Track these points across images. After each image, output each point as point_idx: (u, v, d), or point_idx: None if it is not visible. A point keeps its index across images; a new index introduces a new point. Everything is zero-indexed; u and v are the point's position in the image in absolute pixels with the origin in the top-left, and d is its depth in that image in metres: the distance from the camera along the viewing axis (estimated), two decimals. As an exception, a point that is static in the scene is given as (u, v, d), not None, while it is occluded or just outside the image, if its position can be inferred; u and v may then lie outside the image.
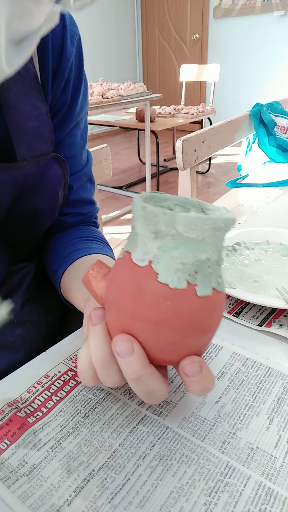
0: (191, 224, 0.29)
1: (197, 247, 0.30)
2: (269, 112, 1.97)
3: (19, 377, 0.46)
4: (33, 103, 0.48)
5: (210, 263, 0.31)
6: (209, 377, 0.33)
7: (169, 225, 0.29)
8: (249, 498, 0.33)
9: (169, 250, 0.30)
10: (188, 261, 0.30)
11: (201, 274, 0.30)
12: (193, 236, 0.29)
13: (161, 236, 0.30)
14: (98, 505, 0.33)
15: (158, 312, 0.31)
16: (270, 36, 4.87)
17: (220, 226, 0.29)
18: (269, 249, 0.70)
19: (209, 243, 0.30)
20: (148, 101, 3.14)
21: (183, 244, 0.30)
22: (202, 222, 0.29)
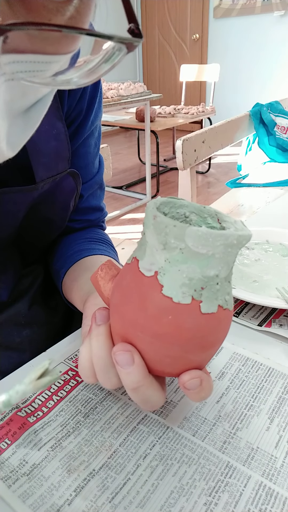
0: (201, 239, 0.27)
1: (206, 263, 0.29)
2: (269, 112, 1.97)
3: (20, 377, 0.46)
4: (52, 123, 0.47)
5: (219, 279, 0.30)
6: (208, 387, 0.33)
7: (178, 238, 0.28)
8: (250, 498, 0.33)
9: (177, 263, 0.29)
10: (195, 277, 0.29)
11: (208, 291, 0.29)
12: (202, 251, 0.28)
13: (170, 248, 0.29)
14: (99, 505, 0.33)
15: (159, 325, 0.30)
16: (270, 36, 4.87)
17: (233, 243, 0.28)
18: (269, 249, 0.70)
19: (219, 259, 0.29)
20: (148, 101, 3.14)
21: (191, 258, 0.28)
22: (214, 238, 0.27)
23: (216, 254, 0.28)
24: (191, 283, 0.29)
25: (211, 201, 1.82)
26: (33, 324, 0.60)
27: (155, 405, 0.34)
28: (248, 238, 0.29)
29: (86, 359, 0.35)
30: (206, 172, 4.12)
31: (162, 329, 0.30)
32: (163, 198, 0.32)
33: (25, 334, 0.59)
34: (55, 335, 0.64)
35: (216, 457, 0.36)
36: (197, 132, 1.53)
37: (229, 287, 0.31)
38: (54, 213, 0.56)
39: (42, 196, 0.51)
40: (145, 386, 0.32)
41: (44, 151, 0.47)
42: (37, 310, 0.61)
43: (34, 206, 0.51)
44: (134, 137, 5.17)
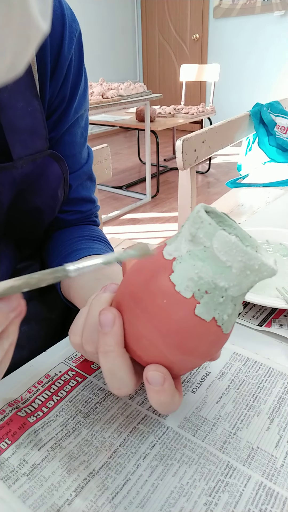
0: (226, 246, 0.28)
1: (221, 271, 0.29)
2: (269, 112, 1.97)
3: (20, 377, 0.46)
4: (27, 100, 0.47)
5: (226, 294, 0.30)
6: (170, 394, 0.32)
7: (207, 235, 0.29)
8: (250, 498, 0.33)
9: (195, 258, 0.29)
10: (204, 277, 0.29)
11: (210, 297, 0.29)
12: (223, 258, 0.28)
13: (196, 242, 0.29)
14: (99, 505, 0.33)
15: (152, 303, 0.31)
16: (270, 36, 4.87)
17: (253, 267, 0.28)
18: (269, 249, 0.70)
19: (234, 275, 0.29)
20: (148, 101, 3.14)
21: (210, 260, 0.29)
22: (238, 250, 0.28)
23: (233, 268, 0.28)
24: (198, 282, 0.29)
25: (211, 201, 1.82)
26: (31, 320, 0.60)
27: (122, 385, 0.33)
28: (270, 271, 0.29)
29: (81, 315, 0.36)
30: (206, 172, 4.12)
31: (153, 308, 0.31)
32: (217, 211, 0.33)
33: (23, 330, 0.59)
34: (53, 333, 0.64)
35: (216, 457, 0.36)
36: (197, 132, 1.53)
37: (233, 310, 0.31)
38: (42, 201, 0.55)
39: (26, 182, 0.51)
40: (115, 353, 0.32)
41: (19, 128, 0.47)
42: (35, 306, 0.61)
43: (20, 193, 0.51)
44: (134, 137, 5.17)
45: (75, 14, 0.53)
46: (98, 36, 5.40)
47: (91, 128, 5.57)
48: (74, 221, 0.65)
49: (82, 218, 0.66)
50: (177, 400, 0.33)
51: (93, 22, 5.27)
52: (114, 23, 5.62)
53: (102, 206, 2.84)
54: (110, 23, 5.55)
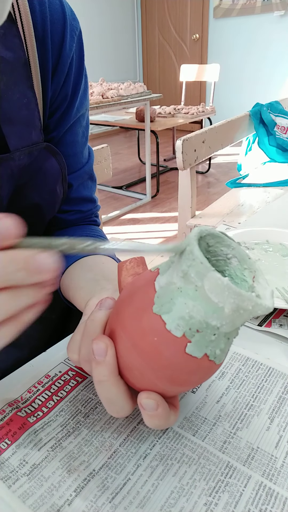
0: (218, 288, 0.27)
1: (213, 311, 0.28)
2: (269, 112, 1.97)
3: (20, 377, 0.46)
4: (22, 91, 0.47)
5: (218, 332, 0.29)
6: (164, 417, 0.32)
7: (199, 275, 0.27)
8: (250, 498, 0.33)
9: (186, 296, 0.28)
10: (196, 317, 0.28)
11: (201, 336, 0.29)
12: (214, 299, 0.27)
13: (187, 280, 0.28)
14: (99, 505, 0.33)
15: (143, 340, 0.30)
16: (270, 36, 4.87)
17: (247, 308, 0.27)
18: (269, 249, 0.70)
19: (227, 314, 0.28)
20: (148, 101, 3.14)
21: (201, 299, 0.28)
22: (230, 293, 0.27)
23: (226, 309, 0.28)
24: (189, 321, 0.29)
25: (211, 201, 1.82)
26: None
27: (120, 410, 0.34)
28: (264, 310, 0.28)
29: (77, 332, 0.37)
30: (206, 172, 4.12)
31: (143, 344, 0.30)
32: (215, 231, 0.32)
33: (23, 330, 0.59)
34: (53, 332, 0.64)
35: (216, 457, 0.36)
36: (197, 132, 1.53)
37: (226, 344, 0.31)
38: (41, 198, 0.55)
39: (25, 177, 0.51)
40: (110, 383, 0.32)
41: (15, 120, 0.47)
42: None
43: (19, 190, 0.51)
44: (134, 137, 5.17)
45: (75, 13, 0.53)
46: (98, 36, 5.40)
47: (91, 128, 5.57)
48: (74, 221, 0.65)
49: (83, 218, 0.66)
50: (172, 420, 0.34)
51: (93, 22, 5.27)
52: (114, 23, 5.62)
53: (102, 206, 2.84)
54: (110, 23, 5.55)
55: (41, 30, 0.49)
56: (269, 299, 0.29)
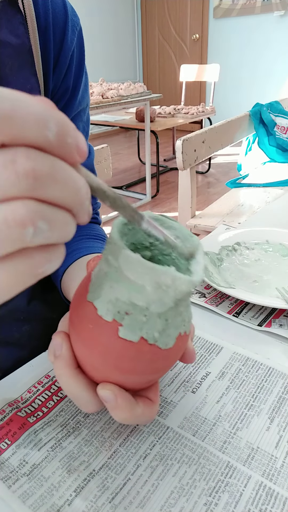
0: (131, 265, 0.26)
1: (135, 291, 0.27)
2: (269, 112, 1.97)
3: (20, 377, 0.46)
4: (26, 77, 0.48)
5: (148, 312, 0.28)
6: (127, 409, 0.32)
7: (115, 256, 0.27)
8: (250, 498, 0.33)
9: (111, 279, 0.28)
10: (121, 299, 0.28)
11: (131, 319, 0.28)
12: (132, 278, 0.27)
13: (108, 264, 0.28)
14: (99, 505, 0.33)
15: (82, 329, 0.30)
16: (270, 36, 4.87)
17: (167, 283, 0.26)
18: (269, 249, 0.70)
19: (150, 292, 0.27)
20: (148, 101, 3.13)
21: (123, 280, 0.27)
22: (143, 269, 0.26)
23: (147, 286, 0.27)
24: (116, 304, 0.28)
25: (211, 201, 1.82)
26: (32, 320, 0.61)
27: (86, 404, 0.33)
28: (188, 284, 0.27)
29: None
30: (206, 172, 4.12)
31: (84, 333, 0.30)
32: (156, 215, 0.31)
33: (24, 330, 0.60)
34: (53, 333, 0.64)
35: (216, 457, 0.36)
36: (197, 132, 1.53)
37: (165, 325, 0.29)
38: None
39: None
40: (67, 376, 0.32)
41: None
42: (36, 306, 0.61)
43: None
44: (134, 137, 5.17)
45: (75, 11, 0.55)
46: (98, 36, 5.40)
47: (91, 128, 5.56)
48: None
49: None
50: (141, 412, 0.32)
51: (93, 22, 5.27)
52: (114, 23, 5.62)
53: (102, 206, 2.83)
54: (110, 23, 5.54)
55: (44, 22, 0.50)
56: (197, 274, 0.28)
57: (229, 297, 0.59)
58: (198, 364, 0.47)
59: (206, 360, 0.47)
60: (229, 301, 0.58)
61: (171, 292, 0.27)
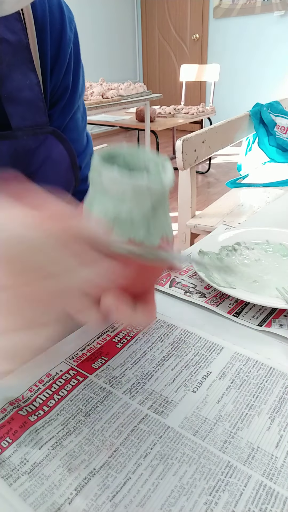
0: (111, 180, 0.30)
1: (118, 203, 0.31)
2: (269, 112, 1.97)
3: (20, 376, 0.46)
4: (24, 73, 0.49)
5: (131, 219, 0.32)
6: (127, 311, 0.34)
7: (97, 174, 0.31)
8: (250, 498, 0.33)
9: (100, 196, 0.32)
10: (109, 211, 0.32)
11: (119, 225, 0.32)
12: (113, 191, 0.31)
13: (95, 183, 0.32)
14: (99, 504, 0.33)
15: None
16: (270, 36, 4.87)
17: (142, 191, 0.30)
18: (269, 249, 0.70)
19: (130, 201, 0.31)
20: (148, 101, 3.14)
21: (107, 195, 0.31)
22: (121, 182, 0.30)
23: (126, 197, 0.31)
24: (106, 216, 0.32)
25: (211, 201, 1.82)
26: None
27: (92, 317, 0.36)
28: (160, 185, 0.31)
29: None
30: (206, 172, 4.12)
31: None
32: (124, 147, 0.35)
33: None
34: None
35: (216, 456, 0.36)
36: (197, 132, 1.53)
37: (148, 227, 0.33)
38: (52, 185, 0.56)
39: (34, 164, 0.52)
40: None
41: (18, 100, 0.49)
42: None
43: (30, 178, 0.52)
44: (134, 137, 5.17)
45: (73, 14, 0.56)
46: (98, 36, 5.40)
47: (91, 128, 5.57)
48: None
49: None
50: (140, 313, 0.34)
51: (93, 22, 5.26)
52: (114, 23, 5.62)
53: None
54: (110, 23, 5.54)
55: (40, 20, 0.50)
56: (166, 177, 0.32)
57: (229, 297, 0.59)
58: (198, 364, 0.47)
59: (207, 360, 0.47)
60: (229, 301, 0.59)
61: (147, 198, 0.31)
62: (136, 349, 0.49)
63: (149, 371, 0.46)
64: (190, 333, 0.52)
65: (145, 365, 0.47)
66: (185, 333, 0.52)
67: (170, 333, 0.52)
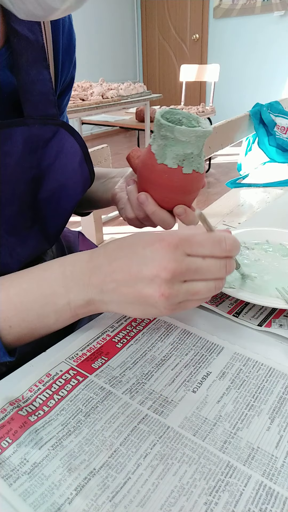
0: (182, 133, 0.48)
1: (185, 146, 0.49)
2: (269, 112, 1.97)
3: (21, 376, 0.46)
4: (39, 69, 0.53)
5: (193, 155, 0.50)
6: (192, 215, 0.55)
7: (170, 132, 0.48)
8: (250, 498, 0.33)
9: (170, 146, 0.50)
10: (179, 153, 0.50)
11: (186, 162, 0.51)
12: (183, 139, 0.48)
13: (166, 138, 0.49)
14: (99, 504, 0.33)
15: (161, 180, 0.52)
16: (270, 36, 4.87)
17: (200, 135, 0.48)
18: (269, 249, 0.70)
19: (192, 144, 0.49)
20: (148, 101, 3.14)
21: (177, 144, 0.49)
22: (189, 132, 0.48)
23: (191, 141, 0.49)
24: (177, 157, 0.50)
25: (211, 201, 1.82)
26: None
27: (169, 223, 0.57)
28: (207, 132, 0.49)
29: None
30: (206, 172, 4.12)
31: (162, 182, 0.52)
32: (166, 108, 0.53)
33: None
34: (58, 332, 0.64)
35: (216, 456, 0.36)
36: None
37: (199, 160, 0.52)
38: (66, 178, 0.59)
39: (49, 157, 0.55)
40: (157, 211, 0.55)
41: (31, 91, 0.53)
42: None
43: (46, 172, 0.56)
44: (134, 137, 5.17)
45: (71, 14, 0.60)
46: (98, 36, 5.40)
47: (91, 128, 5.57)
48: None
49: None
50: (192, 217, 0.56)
51: (93, 22, 5.26)
52: (114, 23, 5.62)
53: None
54: (110, 23, 5.54)
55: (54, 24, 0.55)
56: (209, 128, 0.50)
57: (229, 297, 0.59)
58: (198, 364, 0.47)
59: (207, 360, 0.47)
60: (229, 301, 0.59)
61: (201, 140, 0.49)
62: (136, 349, 0.49)
63: (149, 371, 0.46)
64: (190, 333, 0.52)
65: (145, 365, 0.47)
66: (185, 333, 0.52)
67: (170, 333, 0.52)
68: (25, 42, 0.50)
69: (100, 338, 0.51)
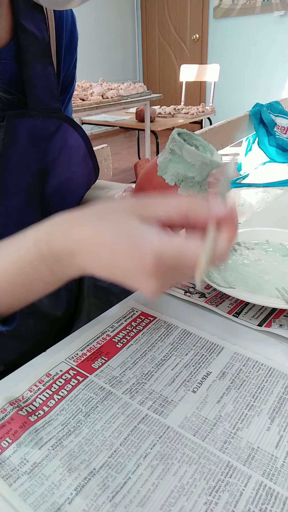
0: (190, 153, 0.46)
1: (188, 167, 0.47)
2: (269, 112, 1.97)
3: (21, 376, 0.46)
4: (44, 65, 0.55)
5: (193, 181, 0.48)
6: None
7: (179, 148, 0.47)
8: (250, 498, 0.33)
9: (174, 162, 0.48)
10: (180, 173, 0.48)
11: (185, 183, 0.48)
12: (188, 160, 0.47)
13: (173, 153, 0.48)
14: (99, 504, 0.33)
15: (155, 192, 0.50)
16: (270, 36, 4.86)
17: (206, 163, 0.47)
18: (269, 249, 0.70)
19: (196, 168, 0.47)
20: (148, 101, 3.13)
21: (182, 162, 0.47)
22: (196, 155, 0.46)
23: (195, 165, 0.47)
24: (177, 175, 0.48)
25: (211, 201, 1.82)
26: (37, 314, 0.62)
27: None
28: (216, 163, 0.47)
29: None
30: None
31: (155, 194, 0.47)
32: (187, 131, 0.51)
33: (30, 324, 0.61)
34: (58, 332, 0.65)
35: (216, 456, 0.36)
36: (197, 132, 1.53)
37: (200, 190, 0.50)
38: (71, 172, 0.60)
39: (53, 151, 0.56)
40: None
41: (36, 84, 0.55)
42: (41, 301, 0.63)
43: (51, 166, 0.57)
44: (134, 137, 5.16)
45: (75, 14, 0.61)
46: (98, 36, 5.39)
47: (91, 128, 5.57)
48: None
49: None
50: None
51: (93, 22, 5.26)
52: (114, 23, 5.62)
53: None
54: (110, 23, 5.54)
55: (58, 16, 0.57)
56: (219, 159, 0.49)
57: (229, 297, 0.59)
58: (198, 364, 0.47)
59: (207, 360, 0.47)
60: (229, 301, 0.59)
61: (207, 168, 0.48)
62: (136, 349, 0.49)
63: (149, 371, 0.46)
64: (190, 333, 0.52)
65: (145, 365, 0.47)
66: (185, 333, 0.52)
67: (170, 333, 0.52)
68: (32, 38, 0.53)
69: (100, 338, 0.51)
